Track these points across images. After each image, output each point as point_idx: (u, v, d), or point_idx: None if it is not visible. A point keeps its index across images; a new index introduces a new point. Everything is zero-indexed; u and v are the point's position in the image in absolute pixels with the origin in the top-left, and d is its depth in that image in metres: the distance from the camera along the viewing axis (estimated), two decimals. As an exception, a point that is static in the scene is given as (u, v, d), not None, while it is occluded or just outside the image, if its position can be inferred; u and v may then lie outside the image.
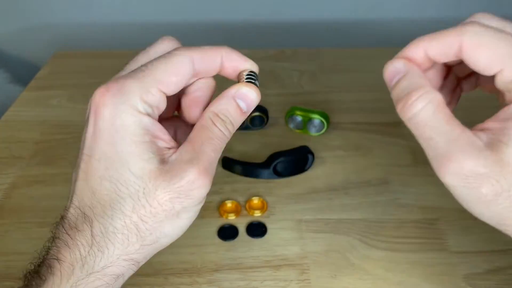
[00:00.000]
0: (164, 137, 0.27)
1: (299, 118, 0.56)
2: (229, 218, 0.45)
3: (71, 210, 0.27)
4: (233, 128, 0.28)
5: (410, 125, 0.26)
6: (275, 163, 0.48)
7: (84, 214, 0.26)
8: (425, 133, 0.25)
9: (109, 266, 0.26)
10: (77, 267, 0.26)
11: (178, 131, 0.32)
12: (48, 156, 0.54)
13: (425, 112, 0.25)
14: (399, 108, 0.27)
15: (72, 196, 0.28)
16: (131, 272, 0.28)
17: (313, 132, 0.56)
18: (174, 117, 0.32)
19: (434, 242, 0.42)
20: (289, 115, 0.56)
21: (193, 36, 0.85)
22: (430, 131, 0.25)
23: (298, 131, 0.57)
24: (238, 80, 0.30)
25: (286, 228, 0.44)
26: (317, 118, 0.55)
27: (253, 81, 0.29)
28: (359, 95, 0.64)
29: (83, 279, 0.26)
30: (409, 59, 0.28)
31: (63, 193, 0.48)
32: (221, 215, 0.45)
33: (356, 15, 0.83)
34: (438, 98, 0.25)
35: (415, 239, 0.43)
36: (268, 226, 0.44)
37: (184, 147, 0.27)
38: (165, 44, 0.31)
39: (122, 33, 0.86)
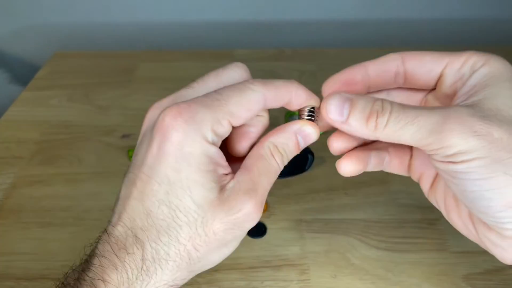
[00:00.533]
0: (223, 163, 0.26)
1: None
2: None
3: (119, 229, 0.26)
4: (286, 161, 0.28)
5: (390, 132, 0.25)
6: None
7: (136, 236, 0.25)
8: (412, 118, 0.24)
9: None
10: None
11: None
12: (48, 156, 0.54)
13: (394, 107, 0.25)
14: (371, 126, 0.25)
15: (121, 214, 0.26)
16: None
17: (313, 132, 0.56)
18: None
19: (434, 242, 0.42)
20: (289, 115, 0.56)
21: (193, 36, 0.86)
22: (412, 113, 0.24)
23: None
24: (299, 114, 0.30)
25: (286, 228, 0.44)
26: (317, 118, 0.55)
27: (313, 118, 0.29)
28: (359, 95, 0.64)
29: None
30: (346, 82, 0.28)
31: (63, 193, 0.48)
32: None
33: (356, 16, 0.83)
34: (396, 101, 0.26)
35: (415, 239, 0.43)
36: (268, 226, 0.44)
37: (242, 175, 0.26)
38: (237, 72, 0.30)
39: (122, 34, 0.86)
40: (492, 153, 0.22)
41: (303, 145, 0.28)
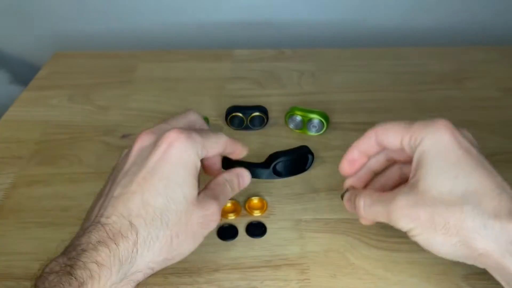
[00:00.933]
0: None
1: (299, 118, 0.56)
2: (229, 218, 0.45)
3: (114, 218, 0.31)
4: (232, 193, 0.38)
5: (367, 216, 0.36)
6: (274, 163, 0.48)
7: (131, 223, 0.31)
8: (374, 211, 0.35)
9: (138, 272, 0.31)
10: (114, 272, 0.29)
11: None
12: (48, 156, 0.54)
13: (366, 200, 0.36)
14: (358, 214, 0.37)
15: (116, 207, 0.32)
16: (141, 279, 0.32)
17: (313, 132, 0.56)
18: None
19: (433, 242, 0.42)
20: (289, 115, 0.56)
21: (193, 36, 0.86)
22: (374, 206, 0.35)
23: (298, 131, 0.57)
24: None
25: (286, 228, 0.44)
26: (316, 118, 0.55)
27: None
28: (359, 95, 0.64)
29: (117, 283, 0.30)
30: (352, 160, 0.39)
31: (63, 193, 0.49)
32: (220, 215, 0.45)
33: (356, 16, 0.83)
34: (368, 190, 0.37)
35: (414, 239, 0.43)
36: (268, 226, 0.44)
37: (208, 190, 0.37)
38: (195, 116, 0.41)
39: (122, 34, 0.86)
40: (425, 229, 0.32)
41: (241, 185, 0.39)
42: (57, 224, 0.45)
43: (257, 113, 0.56)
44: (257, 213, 0.45)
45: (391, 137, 0.35)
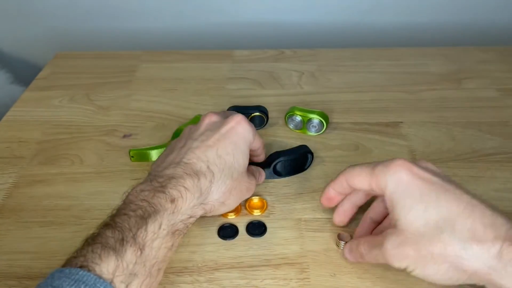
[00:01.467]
0: None
1: (299, 118, 0.56)
2: (229, 217, 0.45)
3: (194, 160, 0.39)
4: (257, 183, 0.47)
5: (369, 261, 0.38)
6: (274, 163, 0.49)
7: (208, 167, 0.39)
8: (372, 256, 0.37)
9: (208, 203, 0.39)
10: (196, 197, 0.38)
11: None
12: (49, 156, 0.54)
13: (364, 247, 0.38)
14: (362, 261, 0.39)
15: (196, 153, 0.40)
16: (204, 213, 0.40)
17: (312, 132, 0.56)
18: None
19: (432, 241, 0.42)
20: (289, 115, 0.56)
21: (193, 37, 0.86)
22: (371, 251, 0.37)
23: (297, 131, 0.57)
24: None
25: (285, 227, 0.44)
26: (316, 118, 0.55)
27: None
28: (358, 95, 0.64)
29: (196, 206, 0.38)
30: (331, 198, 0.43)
31: (64, 192, 0.49)
32: (221, 215, 0.45)
33: (356, 16, 0.83)
34: (363, 238, 0.39)
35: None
36: (268, 225, 0.45)
37: (248, 170, 0.45)
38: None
39: (122, 34, 0.86)
40: (417, 264, 0.34)
41: (260, 180, 0.48)
42: (58, 224, 0.45)
43: (257, 113, 0.56)
44: (257, 213, 0.46)
45: (358, 182, 0.39)
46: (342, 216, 0.43)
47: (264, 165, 0.49)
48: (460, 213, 0.33)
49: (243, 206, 0.46)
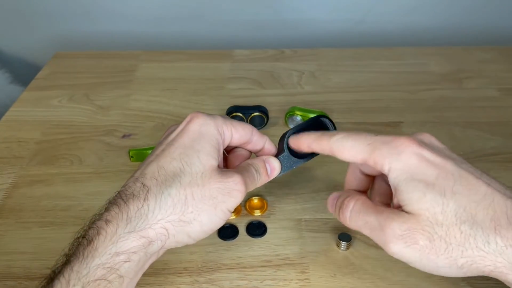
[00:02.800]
0: (221, 161, 0.37)
1: (299, 118, 0.56)
2: (229, 217, 0.45)
3: (130, 183, 0.33)
4: (259, 177, 0.37)
5: (351, 222, 0.33)
6: (286, 142, 0.39)
7: (143, 184, 0.32)
8: (362, 220, 0.32)
9: (147, 228, 0.31)
10: (121, 227, 0.30)
11: None
12: (48, 156, 0.54)
13: (356, 206, 0.33)
14: (340, 216, 0.34)
15: (135, 174, 0.34)
16: (159, 245, 0.32)
17: (313, 132, 0.56)
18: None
19: (433, 242, 0.42)
20: (289, 115, 0.56)
21: (193, 37, 0.86)
22: (364, 216, 0.32)
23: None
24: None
25: (286, 227, 0.44)
26: (317, 118, 0.55)
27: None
28: (359, 95, 0.64)
29: (123, 237, 0.30)
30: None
31: (63, 193, 0.49)
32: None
33: (356, 16, 0.83)
34: (363, 197, 0.34)
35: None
36: (268, 225, 0.44)
37: (231, 168, 0.37)
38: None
39: (122, 34, 0.86)
40: (428, 253, 0.29)
41: (269, 172, 0.38)
42: (58, 224, 0.45)
43: (257, 113, 0.56)
44: (257, 213, 0.46)
45: (349, 157, 0.33)
46: (349, 181, 0.37)
47: (278, 153, 0.40)
48: (480, 201, 0.29)
49: (243, 206, 0.46)
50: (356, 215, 0.33)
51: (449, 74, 0.68)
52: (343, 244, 0.41)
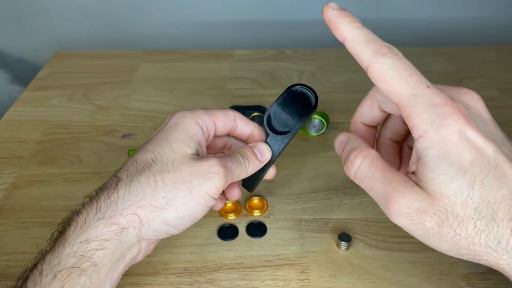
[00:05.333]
0: (204, 153, 0.36)
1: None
2: (229, 217, 0.45)
3: (108, 180, 0.33)
4: (247, 163, 0.35)
5: (356, 181, 0.31)
6: (266, 119, 0.38)
7: (116, 176, 0.32)
8: (367, 184, 0.30)
9: (117, 215, 0.30)
10: (91, 215, 0.30)
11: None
12: (48, 156, 0.54)
13: (363, 165, 0.30)
14: (345, 168, 0.31)
15: (115, 174, 0.33)
16: (133, 234, 0.31)
17: (313, 132, 0.56)
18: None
19: (433, 242, 0.42)
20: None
21: (193, 37, 0.86)
22: (370, 181, 0.29)
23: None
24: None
25: (286, 227, 0.44)
26: (316, 118, 0.55)
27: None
28: (359, 95, 0.63)
29: (92, 224, 0.30)
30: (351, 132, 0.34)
31: (63, 193, 0.49)
32: (221, 215, 0.45)
33: (356, 16, 0.83)
34: (372, 154, 0.30)
35: (414, 239, 0.42)
36: (268, 225, 0.44)
37: (214, 156, 0.35)
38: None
39: (122, 34, 0.86)
40: (430, 236, 0.27)
41: (259, 157, 0.36)
42: (58, 224, 0.45)
43: (257, 113, 0.56)
44: (257, 213, 0.45)
45: (384, 90, 0.29)
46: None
47: (266, 136, 0.38)
48: (506, 197, 0.26)
49: (243, 206, 0.46)
50: (362, 177, 0.30)
51: (450, 74, 0.68)
52: (343, 244, 0.41)
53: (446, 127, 0.26)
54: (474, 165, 0.26)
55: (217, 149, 0.40)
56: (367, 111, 0.34)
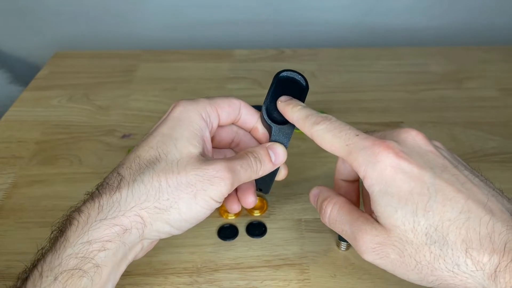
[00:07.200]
0: (210, 149, 0.35)
1: None
2: (229, 217, 0.45)
3: (109, 175, 0.32)
4: (260, 166, 0.35)
5: (330, 226, 0.34)
6: (265, 112, 0.37)
7: (118, 173, 0.32)
8: (338, 227, 0.32)
9: (120, 216, 0.30)
10: (93, 215, 0.30)
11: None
12: (48, 156, 0.54)
13: (333, 211, 0.33)
14: (321, 218, 0.34)
15: (115, 168, 0.33)
16: (136, 235, 0.31)
17: (313, 132, 0.56)
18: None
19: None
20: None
21: (193, 37, 0.86)
22: (340, 224, 0.32)
23: (297, 130, 0.57)
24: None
25: (286, 227, 0.44)
26: (317, 118, 0.55)
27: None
28: (359, 95, 0.64)
29: (94, 225, 0.29)
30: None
31: (63, 193, 0.49)
32: (221, 215, 0.45)
33: (356, 16, 0.83)
34: (340, 200, 0.33)
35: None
36: (268, 225, 0.44)
37: (223, 158, 0.33)
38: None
39: (122, 34, 0.86)
40: (397, 267, 0.29)
41: (274, 159, 0.36)
42: (57, 221, 0.45)
43: (257, 113, 0.56)
44: (257, 213, 0.45)
45: (329, 148, 0.32)
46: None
47: (270, 132, 0.37)
48: (453, 220, 0.27)
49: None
50: (334, 222, 0.33)
51: (450, 74, 0.68)
52: (343, 244, 0.41)
53: (379, 164, 0.29)
54: (414, 193, 0.28)
55: (223, 143, 0.39)
56: (342, 168, 0.36)
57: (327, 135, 0.32)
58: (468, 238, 0.27)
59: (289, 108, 0.35)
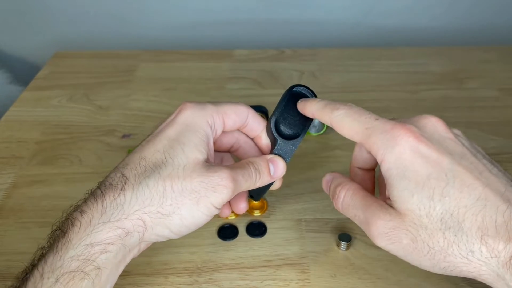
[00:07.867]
0: (212, 153, 0.35)
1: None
2: (229, 217, 0.45)
3: (111, 174, 0.32)
4: (259, 178, 0.35)
5: (343, 212, 0.33)
6: (272, 127, 0.37)
7: (122, 174, 0.31)
8: (351, 213, 0.32)
9: (123, 219, 0.30)
10: (96, 217, 0.30)
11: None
12: (48, 156, 0.54)
13: (346, 197, 0.33)
14: (334, 203, 0.34)
15: (118, 165, 0.33)
16: (137, 238, 0.31)
17: (313, 132, 0.56)
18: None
19: (433, 242, 0.42)
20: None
21: (193, 37, 0.86)
22: (353, 210, 0.32)
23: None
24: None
25: (286, 227, 0.44)
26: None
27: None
28: (359, 95, 0.64)
29: (97, 228, 0.29)
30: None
31: (63, 193, 0.49)
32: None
33: (356, 16, 0.83)
34: (354, 186, 0.33)
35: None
36: (268, 225, 0.44)
37: (225, 166, 0.34)
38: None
39: (122, 34, 0.86)
40: (411, 253, 0.29)
41: (273, 171, 0.36)
42: (58, 221, 0.45)
43: (257, 113, 0.56)
44: (257, 213, 0.45)
45: (347, 133, 0.32)
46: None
47: (273, 144, 0.38)
48: (469, 207, 0.27)
49: (243, 206, 0.46)
50: (346, 207, 0.33)
51: (449, 74, 0.68)
52: (343, 244, 0.41)
53: (398, 147, 0.29)
54: (431, 178, 0.28)
55: (223, 147, 0.39)
56: (358, 155, 0.36)
57: (347, 119, 0.32)
58: (484, 225, 0.27)
59: (308, 103, 0.36)
